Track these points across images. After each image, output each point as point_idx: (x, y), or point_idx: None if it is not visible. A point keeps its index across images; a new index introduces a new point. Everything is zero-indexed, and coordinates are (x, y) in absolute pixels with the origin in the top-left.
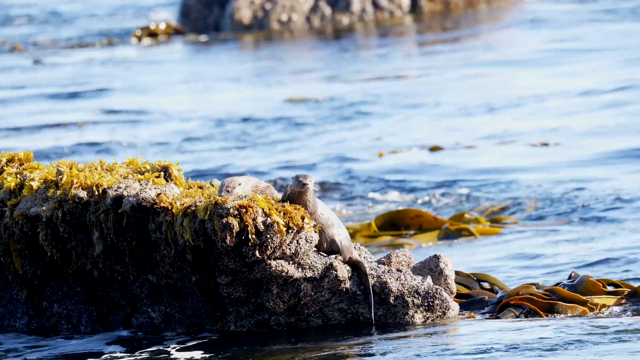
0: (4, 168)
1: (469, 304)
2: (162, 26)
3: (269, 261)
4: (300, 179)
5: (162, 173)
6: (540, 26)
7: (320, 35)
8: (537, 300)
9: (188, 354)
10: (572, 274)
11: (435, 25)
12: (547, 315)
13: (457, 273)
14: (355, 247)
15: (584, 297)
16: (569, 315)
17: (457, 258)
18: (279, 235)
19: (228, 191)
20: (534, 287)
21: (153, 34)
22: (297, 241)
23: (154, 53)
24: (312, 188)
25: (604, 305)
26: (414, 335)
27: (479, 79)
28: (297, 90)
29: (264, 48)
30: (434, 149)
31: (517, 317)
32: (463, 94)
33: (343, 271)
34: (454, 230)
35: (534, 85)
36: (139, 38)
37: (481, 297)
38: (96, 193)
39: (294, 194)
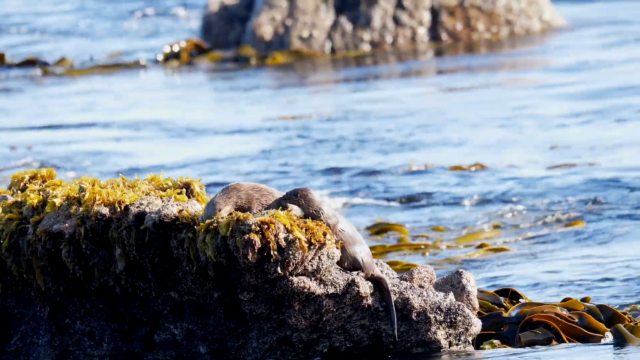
0: (27, 185)
1: (487, 318)
2: (183, 44)
3: (290, 277)
4: (291, 194)
5: (184, 190)
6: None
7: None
8: (560, 322)
9: None
10: None
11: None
12: (568, 340)
13: (479, 290)
14: (377, 264)
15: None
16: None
17: None
18: (300, 251)
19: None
20: (557, 307)
21: (176, 55)
22: (319, 257)
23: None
24: (313, 197)
25: None
26: None
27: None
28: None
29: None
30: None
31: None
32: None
33: (365, 287)
34: None
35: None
36: (167, 57)
37: (499, 313)
38: (118, 210)
39: (300, 209)
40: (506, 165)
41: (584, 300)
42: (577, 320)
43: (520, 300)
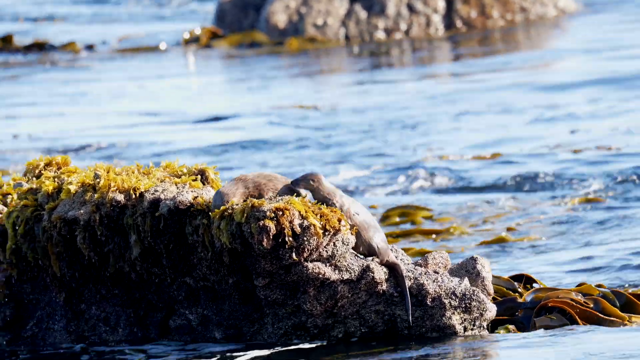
0: (42, 172)
1: (502, 303)
2: (198, 31)
3: (305, 263)
4: (300, 180)
5: (199, 176)
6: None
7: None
8: (576, 307)
9: None
10: None
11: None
12: (584, 324)
13: (494, 276)
14: (391, 249)
15: (623, 314)
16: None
17: None
18: (315, 237)
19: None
20: (572, 293)
21: (196, 39)
22: (334, 243)
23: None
24: (322, 182)
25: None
26: None
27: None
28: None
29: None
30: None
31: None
32: None
33: (380, 273)
34: None
35: None
36: (187, 42)
37: (513, 298)
38: (133, 196)
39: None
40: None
41: (599, 286)
42: (592, 305)
43: (535, 285)
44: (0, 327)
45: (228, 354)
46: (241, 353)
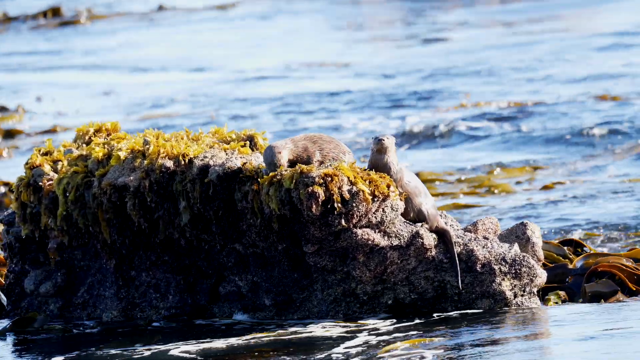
0: (92, 138)
1: (552, 269)
2: None
3: (354, 230)
4: (378, 137)
5: (248, 142)
6: None
7: None
8: (625, 270)
9: None
10: None
11: None
12: (635, 288)
13: (544, 242)
14: (441, 215)
15: None
16: None
17: None
18: (364, 203)
19: (276, 165)
20: (623, 259)
21: None
22: (383, 209)
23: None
24: (392, 147)
25: None
26: None
27: None
28: None
29: None
30: None
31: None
32: None
33: (429, 239)
34: None
35: None
36: None
37: (564, 264)
38: (182, 163)
39: (374, 154)
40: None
41: None
42: None
43: (585, 249)
44: (52, 294)
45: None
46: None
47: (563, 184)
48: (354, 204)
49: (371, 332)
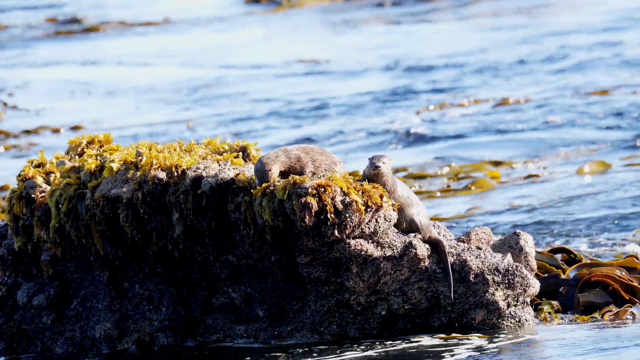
0: (85, 150)
1: (545, 279)
2: None
3: (348, 240)
4: (374, 161)
5: (241, 153)
6: None
7: None
8: (619, 280)
9: None
10: None
11: None
12: (628, 297)
13: (537, 251)
14: (434, 226)
15: None
16: None
17: None
18: (357, 214)
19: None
20: (620, 271)
21: None
22: (376, 220)
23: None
24: (389, 169)
25: None
26: None
27: None
28: None
29: None
30: None
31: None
32: None
33: (422, 249)
34: None
35: None
36: None
37: (557, 274)
38: (175, 174)
39: (370, 177)
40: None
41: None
42: (636, 283)
43: (574, 257)
44: (45, 306)
45: None
46: None
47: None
48: (347, 215)
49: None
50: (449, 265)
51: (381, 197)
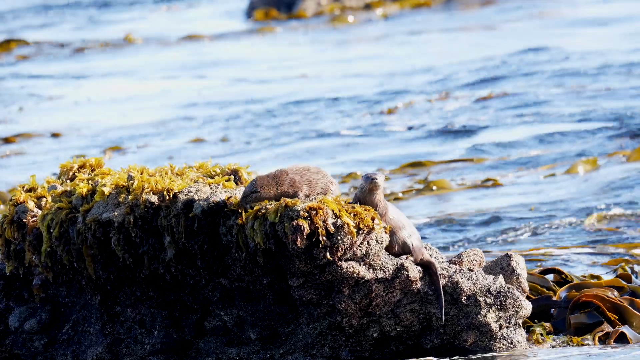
0: (76, 174)
1: (537, 301)
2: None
3: (340, 263)
4: (370, 176)
5: (232, 176)
6: None
7: None
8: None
9: None
10: None
11: None
12: (616, 318)
13: (528, 273)
14: (426, 247)
15: None
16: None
17: None
18: (349, 236)
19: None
20: (610, 291)
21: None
22: (368, 242)
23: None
24: (383, 186)
25: None
26: None
27: None
28: None
29: None
30: None
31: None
32: None
33: (414, 271)
34: None
35: None
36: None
37: (548, 296)
38: (167, 197)
39: (364, 192)
40: None
41: (628, 280)
42: (627, 303)
43: (565, 277)
44: (37, 331)
45: None
46: None
47: None
48: (339, 237)
49: None
50: (441, 287)
51: (373, 219)
